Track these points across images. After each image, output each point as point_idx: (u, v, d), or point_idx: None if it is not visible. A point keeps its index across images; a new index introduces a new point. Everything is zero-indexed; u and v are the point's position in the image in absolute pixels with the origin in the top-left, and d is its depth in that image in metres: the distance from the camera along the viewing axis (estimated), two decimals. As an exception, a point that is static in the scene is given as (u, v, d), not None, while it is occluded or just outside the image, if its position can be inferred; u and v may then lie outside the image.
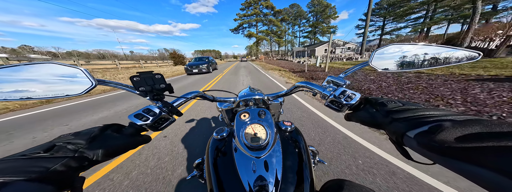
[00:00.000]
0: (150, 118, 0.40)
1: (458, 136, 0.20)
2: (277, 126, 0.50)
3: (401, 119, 0.28)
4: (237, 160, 0.40)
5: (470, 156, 0.18)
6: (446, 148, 0.20)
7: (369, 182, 1.27)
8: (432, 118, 0.25)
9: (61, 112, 3.60)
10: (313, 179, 0.40)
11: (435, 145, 0.21)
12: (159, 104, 0.45)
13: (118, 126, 0.38)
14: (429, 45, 0.41)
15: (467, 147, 0.18)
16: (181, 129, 2.31)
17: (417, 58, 0.41)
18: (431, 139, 0.22)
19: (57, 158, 0.25)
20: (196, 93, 0.55)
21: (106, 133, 0.34)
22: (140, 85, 0.41)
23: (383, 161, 1.49)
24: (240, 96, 0.67)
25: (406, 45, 0.42)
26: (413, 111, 0.28)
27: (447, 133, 0.20)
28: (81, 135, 0.31)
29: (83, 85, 0.35)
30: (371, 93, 3.97)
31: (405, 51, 0.42)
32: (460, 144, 0.19)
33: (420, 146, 0.23)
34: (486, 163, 0.17)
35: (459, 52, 0.38)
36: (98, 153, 0.30)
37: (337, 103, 0.40)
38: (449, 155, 0.20)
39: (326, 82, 0.46)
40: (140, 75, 0.41)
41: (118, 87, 0.41)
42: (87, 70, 0.36)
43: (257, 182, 0.34)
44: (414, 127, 0.25)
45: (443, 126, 0.22)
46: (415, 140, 0.24)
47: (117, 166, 1.59)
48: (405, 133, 0.26)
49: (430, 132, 0.23)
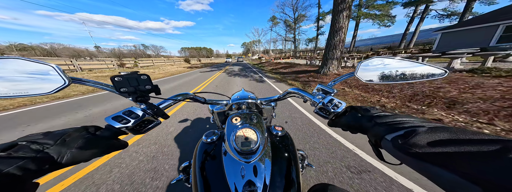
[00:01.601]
0: (131, 120, 0.38)
1: (429, 141, 0.22)
2: (268, 131, 0.51)
3: (383, 124, 0.31)
4: (226, 165, 0.39)
5: (436, 159, 0.20)
6: (417, 151, 0.22)
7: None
8: (408, 124, 0.27)
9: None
10: (300, 183, 0.41)
11: (408, 147, 0.23)
12: (144, 106, 0.42)
13: (95, 128, 0.35)
14: (403, 59, 0.44)
15: (435, 151, 0.21)
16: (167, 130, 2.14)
17: (396, 72, 0.44)
18: (405, 142, 0.24)
19: (14, 158, 0.23)
20: (185, 94, 0.53)
21: (81, 134, 0.31)
22: (121, 86, 0.38)
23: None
24: (233, 99, 0.67)
25: (386, 58, 0.45)
26: (392, 117, 0.31)
27: (419, 138, 0.23)
28: (52, 135, 0.28)
29: (54, 83, 0.32)
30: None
31: (386, 64, 0.45)
32: (429, 148, 0.21)
33: (395, 148, 0.26)
34: (448, 165, 0.19)
35: (430, 68, 0.42)
36: (64, 155, 0.27)
37: (325, 111, 0.42)
38: (418, 157, 0.22)
39: (316, 90, 0.48)
40: (122, 76, 0.38)
41: (96, 86, 0.38)
42: (59, 67, 0.33)
43: (245, 188, 0.34)
44: (392, 131, 0.28)
45: (417, 131, 0.24)
46: (391, 143, 0.27)
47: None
48: (384, 136, 0.29)
49: (405, 136, 0.25)
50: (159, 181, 1.34)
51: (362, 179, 1.35)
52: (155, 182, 1.33)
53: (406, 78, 0.44)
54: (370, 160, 1.60)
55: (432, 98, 3.16)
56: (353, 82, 4.89)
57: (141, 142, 1.97)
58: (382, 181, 1.34)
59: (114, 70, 13.31)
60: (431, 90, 3.40)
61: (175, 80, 8.21)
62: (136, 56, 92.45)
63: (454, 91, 3.22)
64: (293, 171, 0.41)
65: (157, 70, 14.36)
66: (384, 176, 1.38)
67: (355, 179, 1.36)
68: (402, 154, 0.24)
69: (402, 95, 3.55)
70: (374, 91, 4.08)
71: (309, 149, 1.78)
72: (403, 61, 0.44)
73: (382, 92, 3.90)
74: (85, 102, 4.18)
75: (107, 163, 1.59)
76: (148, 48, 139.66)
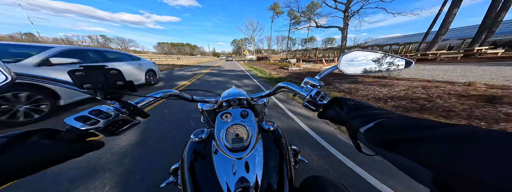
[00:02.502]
0: (100, 120, 0.33)
1: (389, 130, 0.23)
2: (260, 127, 0.50)
3: (357, 117, 0.32)
4: (217, 163, 0.38)
5: (396, 147, 0.21)
6: (382, 141, 0.24)
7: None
8: (377, 116, 0.28)
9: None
10: (293, 177, 0.41)
11: (376, 139, 0.25)
12: (116, 105, 0.37)
13: (49, 132, 0.30)
14: (378, 52, 0.49)
15: (394, 139, 0.22)
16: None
17: (373, 64, 0.49)
18: (373, 134, 0.25)
19: None
20: (169, 92, 0.48)
21: (29, 141, 0.26)
22: (84, 81, 0.32)
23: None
24: (223, 96, 0.64)
25: (365, 51, 0.49)
26: (366, 110, 0.32)
27: (384, 129, 0.24)
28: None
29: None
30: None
31: (364, 56, 0.49)
32: (391, 137, 0.22)
33: (367, 140, 0.27)
34: (406, 152, 0.20)
35: (401, 60, 0.48)
36: (9, 168, 0.23)
37: (313, 103, 0.43)
38: (383, 147, 0.24)
39: (303, 83, 0.49)
40: (84, 68, 0.32)
41: (49, 83, 0.32)
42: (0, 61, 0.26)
43: (237, 184, 0.33)
44: (364, 124, 0.29)
45: (382, 123, 0.25)
46: (363, 135, 0.28)
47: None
48: (358, 129, 0.30)
49: (374, 128, 0.26)
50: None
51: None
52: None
53: (381, 69, 0.49)
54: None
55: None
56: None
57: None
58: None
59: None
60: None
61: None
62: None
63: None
64: (285, 166, 0.42)
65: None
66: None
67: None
68: (373, 146, 0.26)
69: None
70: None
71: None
72: (378, 54, 0.49)
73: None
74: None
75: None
76: (111, 41, 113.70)
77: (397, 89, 3.68)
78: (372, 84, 4.31)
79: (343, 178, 1.31)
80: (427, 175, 0.17)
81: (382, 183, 1.27)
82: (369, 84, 4.35)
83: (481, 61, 8.29)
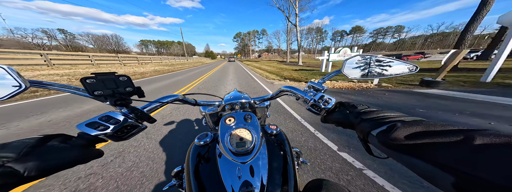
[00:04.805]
0: (110, 126, 0.34)
1: (406, 135, 0.23)
2: (263, 130, 0.50)
3: (368, 120, 0.32)
4: (221, 167, 0.38)
5: (413, 151, 0.22)
6: (397, 144, 0.24)
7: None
8: (390, 119, 0.29)
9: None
10: (297, 180, 0.41)
11: (390, 142, 0.24)
12: (125, 110, 0.38)
13: (64, 137, 0.31)
14: (382, 57, 0.48)
15: (411, 143, 0.22)
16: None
17: (377, 68, 0.48)
18: (387, 137, 0.25)
19: None
20: (174, 97, 0.49)
21: (48, 144, 0.28)
22: (95, 89, 0.34)
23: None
24: (225, 99, 0.64)
25: (368, 55, 0.48)
26: (377, 113, 0.32)
27: (398, 132, 0.24)
28: (10, 148, 0.25)
29: (6, 88, 0.28)
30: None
31: (368, 61, 0.48)
32: (406, 141, 0.23)
33: (380, 143, 0.27)
34: (423, 156, 0.21)
35: (404, 65, 0.46)
36: (34, 168, 0.25)
37: (317, 107, 0.44)
38: (399, 150, 0.24)
39: (307, 87, 0.49)
40: (96, 76, 0.33)
41: (62, 90, 0.34)
42: (14, 69, 0.28)
43: (242, 188, 0.34)
44: (376, 127, 0.29)
45: (396, 125, 0.25)
46: (376, 138, 0.28)
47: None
48: (369, 132, 0.30)
49: (387, 131, 0.26)
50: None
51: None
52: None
53: (384, 74, 0.48)
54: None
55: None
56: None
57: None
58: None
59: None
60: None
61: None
62: (51, 48, 54.76)
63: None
64: (289, 169, 0.42)
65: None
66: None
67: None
68: (385, 148, 0.26)
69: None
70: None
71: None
72: (382, 58, 0.48)
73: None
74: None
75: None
76: (78, 38, 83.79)
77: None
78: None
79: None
80: (448, 180, 0.18)
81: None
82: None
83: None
